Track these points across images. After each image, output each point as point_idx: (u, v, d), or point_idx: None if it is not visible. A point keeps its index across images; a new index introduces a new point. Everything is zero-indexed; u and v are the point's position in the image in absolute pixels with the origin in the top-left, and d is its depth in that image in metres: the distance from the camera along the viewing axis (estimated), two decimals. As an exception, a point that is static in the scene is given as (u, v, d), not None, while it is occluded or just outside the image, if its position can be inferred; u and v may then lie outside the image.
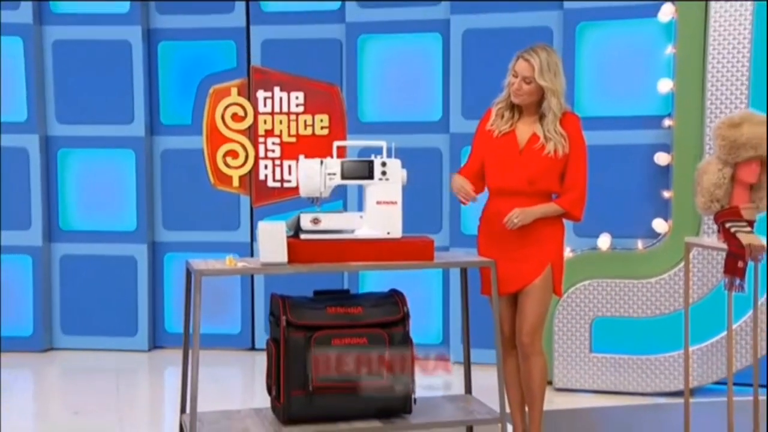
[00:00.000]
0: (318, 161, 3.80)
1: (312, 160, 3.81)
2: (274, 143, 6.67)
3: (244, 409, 3.90)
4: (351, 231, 3.81)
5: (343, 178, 3.82)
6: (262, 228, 3.62)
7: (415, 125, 6.38)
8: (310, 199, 3.85)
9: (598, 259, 5.69)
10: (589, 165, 4.13)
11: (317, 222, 3.76)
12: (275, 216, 5.99)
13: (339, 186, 3.90)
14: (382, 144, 3.86)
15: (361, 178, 3.83)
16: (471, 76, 6.13)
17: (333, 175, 3.81)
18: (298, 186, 3.97)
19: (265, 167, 6.69)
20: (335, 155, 3.86)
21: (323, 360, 3.61)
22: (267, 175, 6.68)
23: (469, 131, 4.29)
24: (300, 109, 6.61)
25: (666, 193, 5.63)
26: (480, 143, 4.16)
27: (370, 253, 3.75)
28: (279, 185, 6.66)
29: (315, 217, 3.76)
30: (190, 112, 6.71)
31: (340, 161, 3.82)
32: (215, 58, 6.68)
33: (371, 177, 3.81)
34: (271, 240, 3.60)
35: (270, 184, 6.68)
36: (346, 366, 3.64)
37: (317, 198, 3.85)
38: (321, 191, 3.82)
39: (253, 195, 6.72)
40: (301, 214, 3.78)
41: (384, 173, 3.82)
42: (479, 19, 6.14)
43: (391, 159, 3.85)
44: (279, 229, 3.63)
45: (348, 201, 6.37)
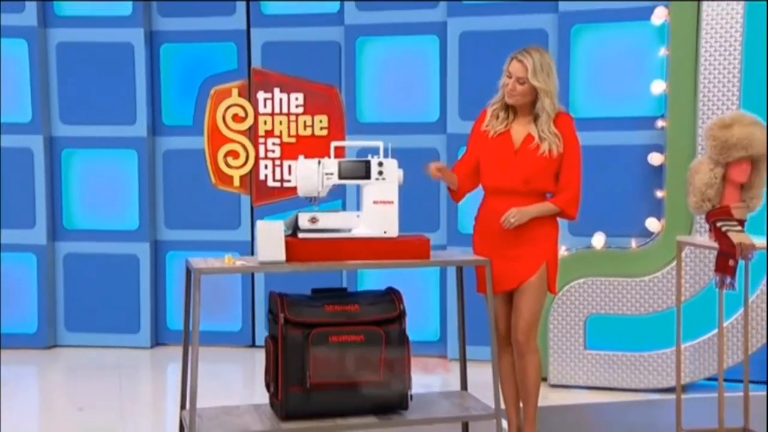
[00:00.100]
0: (316, 161, 3.78)
1: (310, 160, 3.79)
2: (274, 143, 6.68)
3: (243, 405, 3.89)
4: (348, 230, 3.79)
5: (341, 178, 3.80)
6: (260, 227, 3.60)
7: (413, 126, 6.36)
8: (308, 199, 3.83)
9: (592, 258, 5.68)
10: (584, 165, 4.12)
11: (315, 221, 3.74)
12: (275, 215, 6.00)
13: (338, 186, 3.88)
14: (378, 144, 3.85)
15: (358, 178, 3.80)
16: (467, 77, 6.12)
17: (330, 175, 3.78)
18: (297, 186, 3.96)
19: (266, 167, 6.69)
20: (333, 155, 3.84)
21: (321, 357, 3.60)
22: (267, 175, 6.69)
23: (466, 132, 4.28)
24: (300, 110, 6.62)
25: (659, 193, 5.62)
26: (475, 143, 4.16)
27: (367, 252, 3.72)
28: (279, 185, 6.67)
29: (313, 217, 3.74)
30: (191, 113, 6.71)
31: (337, 161, 3.80)
32: (216, 59, 6.68)
33: (368, 177, 3.79)
34: (270, 239, 3.58)
35: (270, 183, 6.69)
36: (343, 363, 3.62)
37: (315, 197, 3.82)
38: (319, 191, 3.79)
39: (254, 194, 6.73)
40: (299, 213, 3.76)
41: (381, 173, 3.80)
42: (476, 22, 6.13)
43: (388, 159, 3.83)
44: (277, 229, 3.61)
45: (347, 200, 6.36)
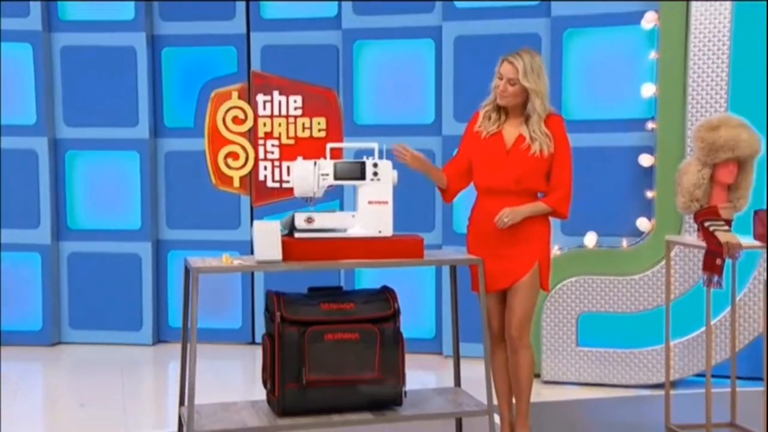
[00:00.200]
0: (312, 162, 3.78)
1: (306, 161, 3.80)
2: (273, 145, 6.68)
3: (240, 402, 3.88)
4: (344, 230, 3.79)
5: (336, 178, 3.80)
6: (257, 227, 3.60)
7: (409, 128, 6.36)
8: (304, 199, 3.83)
9: (584, 257, 5.69)
10: (576, 166, 4.12)
11: (311, 221, 3.74)
12: (275, 215, 6.00)
13: (336, 187, 3.88)
14: (373, 146, 3.85)
15: (354, 178, 3.80)
16: (462, 80, 6.13)
17: (326, 176, 3.79)
18: (296, 186, 3.96)
19: (265, 168, 6.70)
20: (328, 156, 3.84)
21: (317, 354, 3.59)
22: (266, 176, 6.69)
23: (461, 134, 4.27)
24: (298, 112, 6.63)
25: (649, 193, 5.63)
26: (468, 144, 4.16)
27: (362, 251, 3.72)
28: (278, 185, 6.67)
29: (309, 217, 3.74)
30: (192, 115, 6.71)
31: (333, 162, 3.80)
32: (217, 63, 6.68)
33: (363, 178, 3.79)
34: (266, 238, 3.58)
35: (269, 184, 6.69)
36: (338, 360, 3.62)
37: (311, 198, 3.83)
38: (314, 191, 3.80)
39: (253, 195, 6.73)
40: (296, 213, 3.77)
41: (375, 174, 3.80)
42: (470, 26, 6.13)
43: (383, 160, 3.83)
44: (274, 228, 3.61)
45: (344, 201, 6.36)
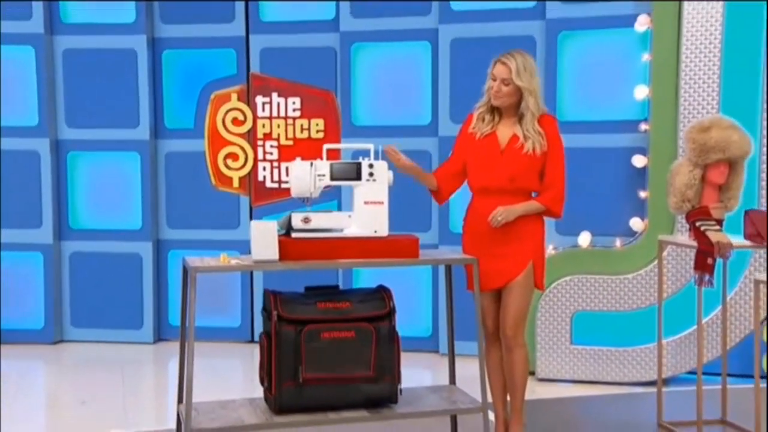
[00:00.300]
0: (308, 163, 3.77)
1: (302, 162, 3.78)
2: (272, 146, 6.66)
3: (238, 399, 3.86)
4: (340, 230, 3.78)
5: (332, 179, 3.79)
6: (254, 227, 3.59)
7: (406, 129, 6.34)
8: (301, 200, 3.82)
9: (578, 256, 5.67)
10: (571, 167, 4.10)
11: (307, 221, 3.72)
12: (274, 215, 5.97)
13: (334, 187, 3.86)
14: (369, 147, 3.84)
15: (350, 179, 3.79)
16: (458, 82, 6.11)
17: (322, 177, 3.77)
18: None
19: (264, 169, 6.68)
20: (325, 157, 3.83)
21: (313, 353, 3.58)
22: (265, 177, 6.68)
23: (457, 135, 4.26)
24: (297, 114, 6.61)
25: (642, 194, 5.61)
26: (462, 146, 4.14)
27: (357, 251, 3.71)
28: (277, 186, 6.65)
29: (305, 217, 3.73)
30: (192, 116, 6.70)
31: (329, 163, 3.78)
32: (216, 65, 6.66)
33: (359, 178, 3.78)
34: (263, 238, 3.56)
35: (268, 185, 6.68)
36: (334, 358, 3.61)
37: (308, 198, 3.81)
38: (311, 192, 3.79)
39: (253, 195, 6.71)
40: (292, 213, 3.75)
41: (371, 174, 3.79)
42: (466, 29, 6.11)
43: (378, 161, 3.82)
44: (270, 228, 3.59)
45: (342, 201, 6.34)
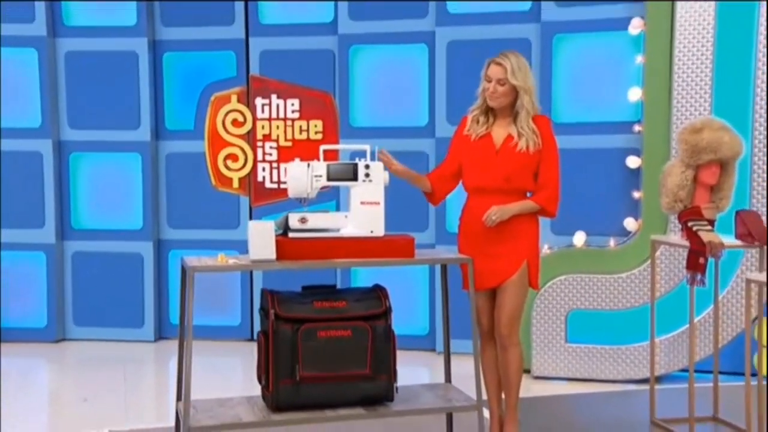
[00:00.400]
0: (305, 164, 3.76)
1: (299, 162, 3.77)
2: (271, 147, 6.65)
3: (236, 397, 3.85)
4: (336, 230, 3.77)
5: (329, 179, 3.78)
6: (252, 227, 3.58)
7: (403, 130, 6.34)
8: (298, 200, 3.81)
9: (573, 256, 5.66)
10: (566, 168, 4.09)
11: (305, 221, 3.71)
12: (273, 215, 5.95)
13: (333, 188, 3.85)
14: (366, 148, 3.83)
15: (346, 180, 3.79)
16: (455, 84, 6.10)
17: (319, 177, 3.77)
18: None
19: (263, 170, 6.66)
20: (321, 158, 3.82)
21: (310, 351, 3.57)
22: (265, 177, 6.66)
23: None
24: (296, 115, 6.59)
25: (636, 194, 5.60)
26: (457, 148, 4.13)
27: (354, 251, 3.69)
28: (276, 186, 6.64)
29: (302, 217, 3.72)
30: (192, 118, 6.68)
31: (326, 164, 3.77)
32: (216, 67, 6.64)
33: (355, 179, 3.77)
34: (261, 238, 3.55)
35: (268, 185, 6.66)
36: (331, 357, 3.60)
37: (305, 198, 3.80)
38: (308, 192, 3.77)
39: (252, 195, 6.70)
40: (290, 213, 3.74)
41: (367, 175, 3.77)
42: (462, 31, 6.10)
43: (375, 162, 3.81)
44: (268, 228, 3.58)
45: (341, 202, 6.33)
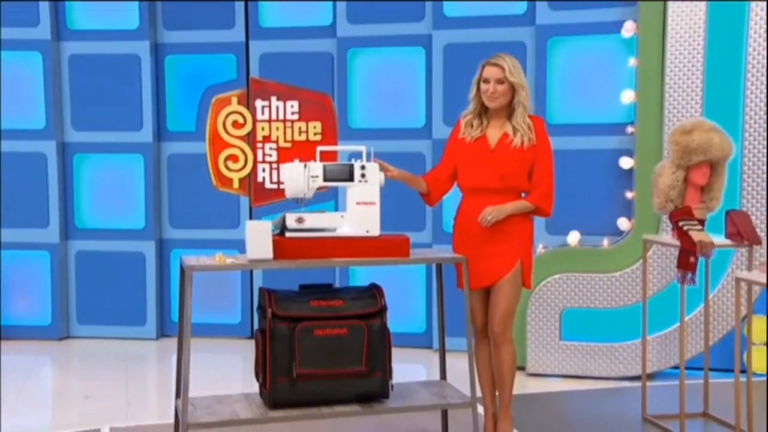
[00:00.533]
0: (302, 165, 3.75)
1: (296, 163, 3.77)
2: (271, 148, 6.64)
3: (234, 394, 3.85)
4: (333, 229, 3.77)
5: (325, 180, 3.78)
6: (249, 227, 3.57)
7: (401, 132, 6.32)
8: (295, 200, 3.81)
9: (567, 255, 5.65)
10: (560, 168, 4.08)
11: (301, 221, 3.71)
12: (273, 215, 5.94)
13: (331, 188, 3.84)
14: (362, 149, 3.82)
15: (342, 180, 3.78)
16: (451, 86, 6.08)
17: (316, 178, 3.76)
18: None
19: (263, 170, 6.65)
20: (318, 159, 3.81)
21: (306, 349, 3.57)
22: (265, 178, 6.65)
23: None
24: (295, 117, 6.58)
25: (629, 194, 5.59)
26: (452, 150, 4.13)
27: (350, 250, 3.70)
28: (276, 187, 6.62)
29: (299, 217, 3.72)
30: (194, 119, 6.67)
31: (322, 165, 3.77)
32: (217, 70, 6.63)
33: (351, 179, 3.77)
34: (258, 238, 3.55)
35: (267, 186, 6.65)
36: (327, 354, 3.60)
37: (302, 199, 3.80)
38: (305, 192, 3.77)
39: (252, 196, 6.69)
40: (287, 213, 3.74)
41: (363, 176, 3.78)
42: (459, 35, 6.09)
43: (370, 163, 3.81)
44: (265, 228, 3.59)
45: (339, 202, 6.32)
